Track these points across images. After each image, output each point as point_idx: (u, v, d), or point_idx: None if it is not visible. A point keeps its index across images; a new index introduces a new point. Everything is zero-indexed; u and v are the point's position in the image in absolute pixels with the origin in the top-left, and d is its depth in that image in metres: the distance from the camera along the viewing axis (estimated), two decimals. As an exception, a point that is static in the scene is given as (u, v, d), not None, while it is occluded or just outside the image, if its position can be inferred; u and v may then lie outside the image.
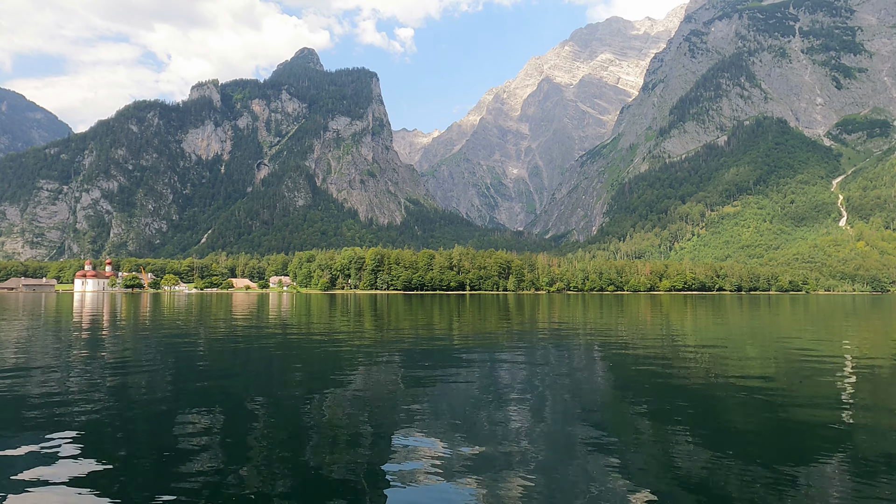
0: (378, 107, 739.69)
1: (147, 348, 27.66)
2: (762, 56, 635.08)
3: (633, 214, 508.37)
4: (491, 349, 27.98)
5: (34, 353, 25.29)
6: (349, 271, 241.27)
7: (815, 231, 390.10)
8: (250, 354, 25.81)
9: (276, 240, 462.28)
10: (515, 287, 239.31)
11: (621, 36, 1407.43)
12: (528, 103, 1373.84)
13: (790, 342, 32.30)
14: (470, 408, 14.51)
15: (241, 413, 13.97)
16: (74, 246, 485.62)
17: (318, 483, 9.27)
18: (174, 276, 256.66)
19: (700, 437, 11.85)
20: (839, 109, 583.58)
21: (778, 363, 23.14)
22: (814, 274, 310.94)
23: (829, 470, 9.82)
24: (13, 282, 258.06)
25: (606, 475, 9.60)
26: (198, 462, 10.16)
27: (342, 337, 34.32)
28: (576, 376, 19.76)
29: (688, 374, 19.68)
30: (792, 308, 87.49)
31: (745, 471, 9.64)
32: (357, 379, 18.68)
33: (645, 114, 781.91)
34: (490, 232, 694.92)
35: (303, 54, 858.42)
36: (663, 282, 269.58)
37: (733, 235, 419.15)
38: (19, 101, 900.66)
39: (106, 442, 11.44)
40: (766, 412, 14.04)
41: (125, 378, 18.56)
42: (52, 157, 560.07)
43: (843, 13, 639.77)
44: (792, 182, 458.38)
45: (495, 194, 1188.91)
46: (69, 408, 14.11)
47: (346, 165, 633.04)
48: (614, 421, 13.59)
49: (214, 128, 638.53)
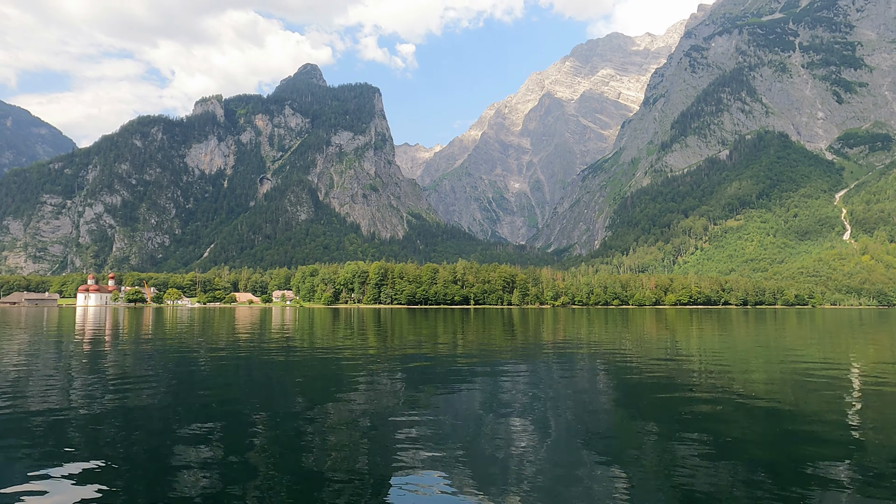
0: (380, 121, 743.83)
1: (148, 364, 27.31)
2: (763, 71, 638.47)
3: (636, 228, 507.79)
4: (495, 364, 27.51)
5: (35, 368, 24.93)
6: (353, 285, 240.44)
7: (820, 245, 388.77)
8: (253, 370, 25.53)
9: (279, 254, 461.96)
10: (520, 301, 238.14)
11: (622, 51, 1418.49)
12: (530, 118, 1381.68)
13: (797, 357, 31.83)
14: (473, 426, 14.34)
15: (244, 429, 13.85)
16: (77, 260, 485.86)
17: (319, 501, 9.27)
18: (177, 291, 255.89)
19: (706, 455, 11.63)
20: (840, 123, 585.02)
21: (784, 379, 22.54)
22: (819, 288, 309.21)
23: (835, 487, 9.80)
24: (16, 296, 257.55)
25: (609, 494, 9.53)
26: (197, 478, 10.18)
27: (346, 352, 33.87)
28: (580, 393, 19.52)
29: (694, 392, 19.32)
30: (798, 322, 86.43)
31: (751, 491, 9.56)
32: (359, 396, 18.46)
33: (646, 128, 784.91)
34: (492, 246, 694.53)
35: (306, 70, 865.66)
36: (668, 296, 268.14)
37: (737, 249, 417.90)
38: (24, 116, 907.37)
39: (105, 459, 11.25)
40: (772, 429, 13.81)
41: (125, 394, 18.44)
42: (56, 172, 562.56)
43: (842, 28, 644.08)
44: (795, 196, 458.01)
45: (497, 208, 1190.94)
46: (69, 425, 14.03)
47: (349, 180, 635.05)
48: (619, 438, 13.39)
49: (218, 142, 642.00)
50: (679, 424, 14.28)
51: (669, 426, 14.14)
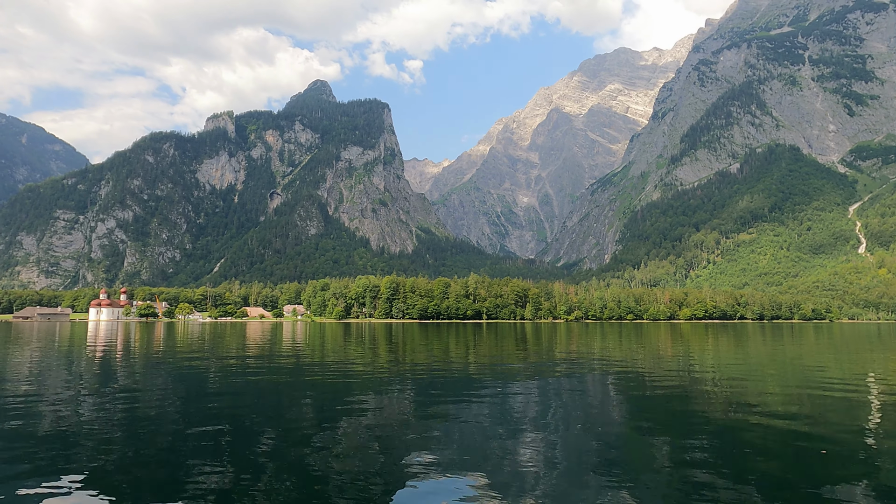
0: (390, 136, 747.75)
1: (161, 378, 27.66)
2: (772, 84, 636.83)
3: (647, 242, 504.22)
4: (508, 380, 27.31)
5: (49, 382, 25.33)
6: (364, 300, 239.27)
7: (835, 258, 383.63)
8: (265, 385, 25.70)
9: (289, 268, 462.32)
10: (533, 315, 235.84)
11: (629, 66, 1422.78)
12: (538, 133, 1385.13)
13: (816, 375, 31.25)
14: (484, 442, 14.23)
15: (255, 445, 13.85)
16: (89, 275, 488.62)
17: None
18: (188, 305, 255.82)
19: (720, 472, 11.50)
20: (852, 136, 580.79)
21: (802, 398, 21.81)
22: (836, 302, 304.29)
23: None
24: (28, 311, 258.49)
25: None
26: (206, 490, 10.34)
27: (357, 367, 34.27)
28: (594, 411, 19.18)
29: (712, 411, 18.75)
30: (816, 337, 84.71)
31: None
32: (371, 412, 18.42)
33: (655, 142, 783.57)
34: (502, 260, 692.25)
35: (315, 86, 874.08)
36: (683, 310, 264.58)
37: (750, 263, 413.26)
38: (39, 133, 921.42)
39: (115, 474, 11.44)
40: (790, 450, 13.51)
41: (138, 409, 18.76)
42: (69, 188, 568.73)
43: (852, 42, 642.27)
44: (808, 209, 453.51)
45: (506, 222, 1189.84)
46: (81, 439, 14.25)
47: (358, 194, 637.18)
48: (635, 456, 13.20)
49: (228, 158, 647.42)
50: (698, 448, 13.83)
51: (687, 447, 13.80)
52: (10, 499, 9.73)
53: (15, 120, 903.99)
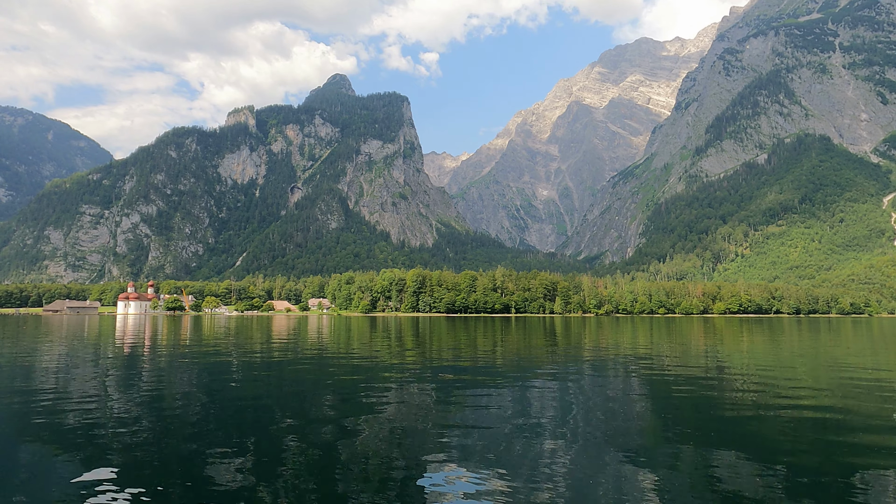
0: (409, 130, 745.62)
1: (194, 372, 27.77)
2: (801, 72, 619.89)
3: (672, 235, 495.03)
4: (539, 378, 26.55)
5: (80, 375, 26.12)
6: (390, 293, 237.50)
7: (869, 251, 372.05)
8: (298, 378, 26.15)
9: (310, 262, 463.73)
10: (562, 309, 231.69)
11: (651, 57, 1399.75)
12: (558, 125, 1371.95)
13: (863, 374, 29.04)
14: (510, 440, 14.04)
15: (282, 439, 13.93)
16: (114, 269, 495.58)
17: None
18: (215, 299, 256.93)
19: (750, 465, 11.65)
20: (886, 125, 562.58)
21: (847, 397, 20.87)
22: (874, 296, 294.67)
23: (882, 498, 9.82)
24: (58, 304, 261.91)
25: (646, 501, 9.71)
26: (229, 484, 10.57)
27: (384, 361, 34.06)
28: (628, 411, 18.51)
29: (750, 413, 17.83)
30: (855, 332, 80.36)
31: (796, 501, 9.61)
32: (393, 407, 18.30)
33: (678, 133, 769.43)
34: (522, 254, 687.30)
35: (335, 80, 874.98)
36: (717, 304, 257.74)
37: (780, 256, 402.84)
38: (64, 130, 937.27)
39: (140, 469, 11.63)
40: (832, 444, 13.49)
41: (165, 403, 18.91)
42: (95, 183, 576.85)
43: (885, 27, 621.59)
44: (840, 200, 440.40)
45: (525, 216, 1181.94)
46: (111, 431, 14.42)
47: (378, 188, 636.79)
48: (666, 451, 13.13)
49: (250, 152, 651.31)
50: (734, 446, 13.59)
51: (723, 443, 13.77)
52: (42, 492, 9.90)
53: (41, 117, 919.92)
